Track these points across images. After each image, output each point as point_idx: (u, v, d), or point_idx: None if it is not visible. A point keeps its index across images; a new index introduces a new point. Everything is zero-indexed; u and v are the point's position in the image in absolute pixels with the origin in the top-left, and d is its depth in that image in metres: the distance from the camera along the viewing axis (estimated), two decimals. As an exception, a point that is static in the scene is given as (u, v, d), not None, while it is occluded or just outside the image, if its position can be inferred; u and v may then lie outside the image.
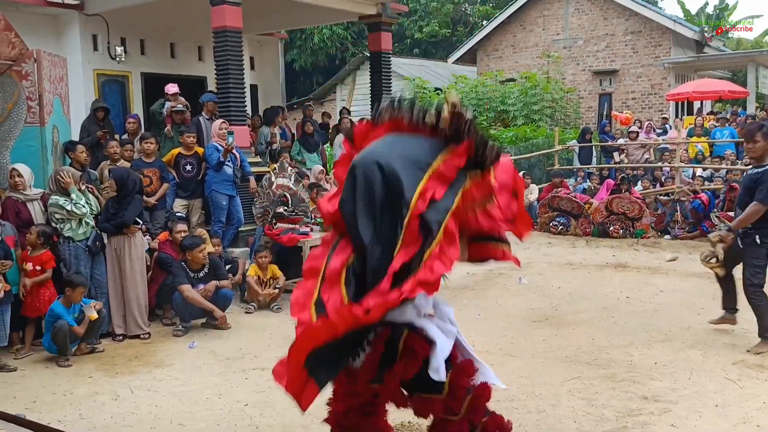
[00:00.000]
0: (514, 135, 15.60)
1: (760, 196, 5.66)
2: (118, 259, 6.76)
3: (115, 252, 6.75)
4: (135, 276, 6.83)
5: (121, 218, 6.73)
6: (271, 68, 14.75)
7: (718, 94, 18.93)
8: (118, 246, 6.75)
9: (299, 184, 8.48)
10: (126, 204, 6.78)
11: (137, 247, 6.91)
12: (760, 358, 5.53)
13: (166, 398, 5.17)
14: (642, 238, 11.23)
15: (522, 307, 7.54)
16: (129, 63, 11.58)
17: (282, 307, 7.71)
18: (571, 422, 4.48)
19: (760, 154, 5.84)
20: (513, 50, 22.66)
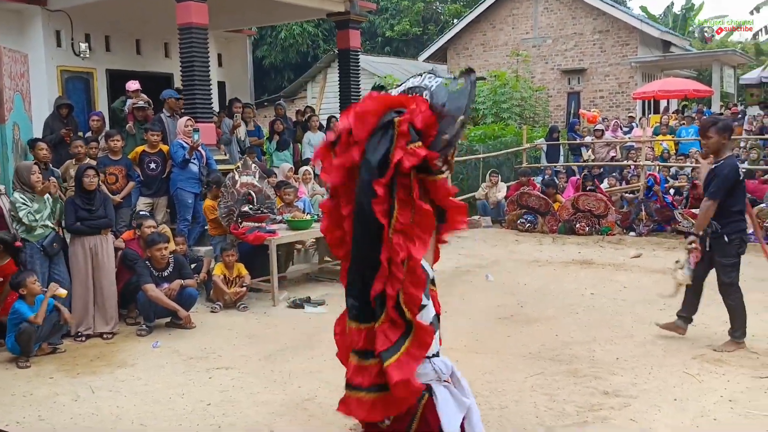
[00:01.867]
0: (482, 133, 15.67)
1: (710, 192, 5.70)
2: (92, 257, 6.68)
3: (90, 251, 6.67)
4: (110, 274, 6.82)
5: (106, 218, 6.76)
6: (239, 65, 14.67)
7: (684, 93, 19.24)
8: (93, 245, 6.68)
9: (264, 181, 8.42)
10: (102, 202, 6.76)
11: (111, 245, 6.91)
12: (718, 353, 5.63)
13: (128, 398, 5.11)
14: (607, 235, 11.36)
15: (488, 304, 7.58)
16: (93, 59, 11.43)
17: (248, 306, 7.68)
18: (533, 418, 4.52)
19: (715, 149, 5.83)
20: (483, 49, 22.79)
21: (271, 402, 4.93)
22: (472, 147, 14.65)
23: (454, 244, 11.06)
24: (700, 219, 5.84)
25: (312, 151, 11.42)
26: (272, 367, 5.69)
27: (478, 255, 10.32)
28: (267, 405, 4.88)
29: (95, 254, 6.68)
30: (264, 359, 5.90)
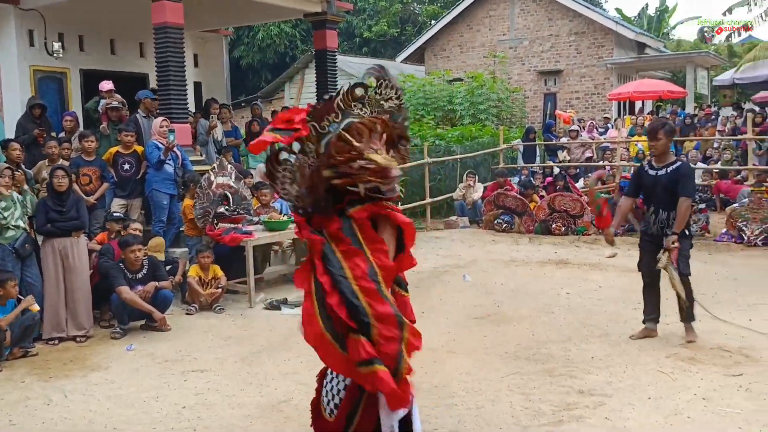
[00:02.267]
0: (460, 134, 15.71)
1: (686, 191, 5.80)
2: (62, 259, 6.59)
3: (60, 253, 6.57)
4: (82, 276, 6.73)
5: (77, 221, 6.67)
6: (216, 65, 14.58)
7: (658, 94, 19.45)
8: (63, 247, 6.59)
9: (240, 182, 8.37)
10: (74, 204, 6.67)
11: (83, 248, 6.83)
12: (692, 351, 5.68)
13: (101, 402, 5.05)
14: (583, 235, 11.45)
15: (465, 304, 7.60)
16: (67, 59, 11.30)
17: (224, 308, 7.63)
18: (509, 417, 4.53)
19: (661, 151, 5.96)
20: (460, 50, 22.86)
21: (246, 404, 4.90)
22: (450, 148, 14.68)
23: (431, 245, 11.09)
24: (681, 218, 5.84)
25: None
26: (248, 369, 5.66)
27: (455, 255, 10.35)
28: (242, 407, 4.85)
29: (65, 256, 6.59)
30: (240, 361, 5.86)
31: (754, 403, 4.61)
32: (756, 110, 16.67)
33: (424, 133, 15.16)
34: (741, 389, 4.85)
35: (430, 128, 16.25)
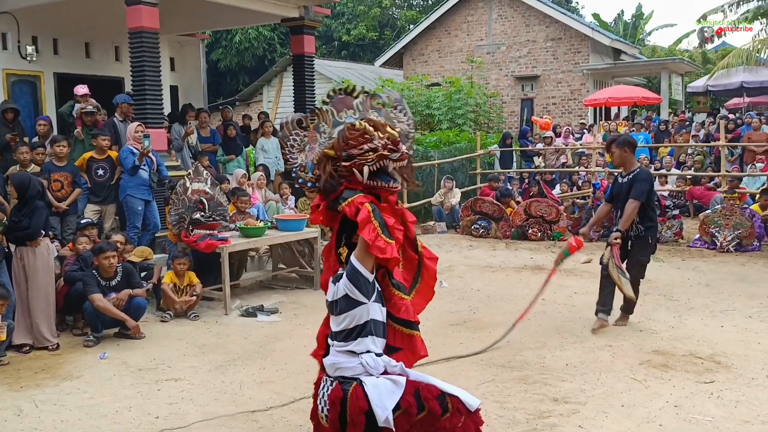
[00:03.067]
0: (437, 139, 15.76)
1: (634, 194, 6.37)
2: (23, 269, 6.48)
3: (20, 261, 6.47)
4: (41, 286, 6.52)
5: (27, 230, 6.42)
6: (193, 69, 14.50)
7: (633, 100, 19.67)
8: (23, 255, 6.47)
9: (216, 188, 8.32)
10: (29, 213, 6.43)
11: (43, 257, 6.58)
12: (664, 358, 5.74)
13: (73, 412, 4.99)
14: (559, 241, 11.53)
15: (441, 310, 7.60)
16: (41, 63, 11.18)
17: (199, 315, 7.57)
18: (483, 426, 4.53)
19: (618, 162, 6.74)
20: (438, 55, 22.94)
21: (220, 414, 4.86)
22: (427, 153, 14.72)
23: (408, 250, 11.08)
24: (626, 217, 6.39)
25: (265, 156, 11.32)
26: (223, 378, 5.62)
27: (432, 261, 10.34)
28: (217, 417, 4.81)
29: (24, 265, 6.47)
30: (214, 370, 5.82)
31: (725, 410, 4.66)
32: (729, 117, 16.91)
33: (402, 138, 15.16)
34: (712, 396, 4.91)
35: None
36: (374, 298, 3.28)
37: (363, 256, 3.21)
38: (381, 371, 3.27)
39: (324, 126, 3.39)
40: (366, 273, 3.22)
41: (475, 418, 3.32)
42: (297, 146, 3.38)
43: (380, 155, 3.21)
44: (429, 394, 3.22)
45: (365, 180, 3.25)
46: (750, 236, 10.34)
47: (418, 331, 3.55)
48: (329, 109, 3.40)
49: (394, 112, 3.53)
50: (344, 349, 3.28)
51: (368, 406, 3.13)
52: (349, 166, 3.23)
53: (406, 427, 3.18)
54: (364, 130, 3.23)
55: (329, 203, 3.31)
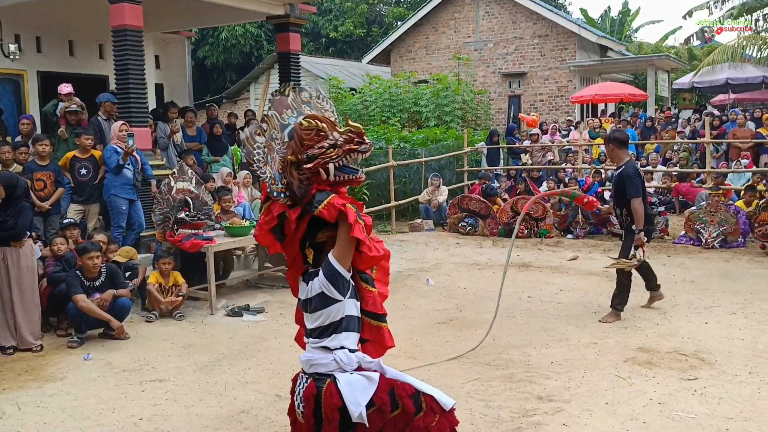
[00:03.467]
0: (424, 137, 15.76)
1: (630, 192, 6.66)
2: (6, 269, 6.41)
3: (3, 262, 6.40)
4: (25, 287, 6.45)
5: (14, 230, 6.35)
6: (178, 66, 14.42)
7: (620, 97, 19.73)
8: (5, 256, 6.41)
9: (201, 187, 8.27)
10: (15, 213, 6.36)
11: (27, 257, 6.51)
12: (648, 355, 5.77)
13: (56, 414, 4.95)
14: (546, 238, 11.56)
15: (428, 308, 7.62)
16: (24, 61, 11.09)
17: (185, 315, 7.54)
18: (468, 425, 4.53)
19: (610, 157, 7.28)
20: (426, 52, 22.93)
21: (205, 415, 4.84)
22: (414, 151, 14.72)
23: (396, 248, 11.09)
24: (637, 217, 6.67)
25: (252, 154, 11.23)
26: (207, 378, 5.59)
27: (419, 259, 10.37)
28: (201, 418, 4.79)
29: (6, 266, 6.40)
30: (199, 370, 5.80)
31: (708, 407, 4.69)
32: (714, 114, 17.00)
33: (390, 136, 15.18)
34: (696, 393, 4.93)
35: (396, 131, 16.27)
36: (349, 294, 3.30)
37: (344, 255, 3.22)
38: (354, 367, 3.28)
39: (274, 132, 3.36)
40: (344, 272, 3.24)
41: (449, 418, 3.32)
42: (262, 159, 3.35)
43: (349, 149, 3.20)
44: (403, 392, 3.24)
45: (332, 177, 3.24)
46: (735, 232, 10.41)
47: (386, 323, 3.61)
48: (273, 113, 3.37)
49: (320, 102, 3.52)
50: (318, 345, 3.30)
51: (342, 402, 3.16)
52: (313, 166, 3.21)
53: (379, 424, 3.20)
54: (317, 127, 3.22)
55: (304, 208, 3.29)
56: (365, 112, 18.68)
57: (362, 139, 3.22)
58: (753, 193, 11.14)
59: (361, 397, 3.17)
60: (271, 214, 3.37)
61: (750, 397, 4.85)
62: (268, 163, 3.32)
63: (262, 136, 3.34)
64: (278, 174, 3.29)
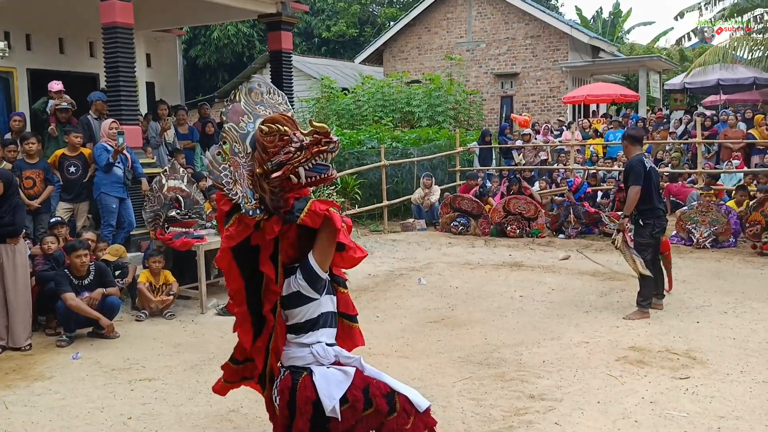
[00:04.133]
0: (417, 136, 15.74)
1: (630, 181, 6.94)
2: (0, 267, 6.36)
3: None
4: (19, 285, 6.42)
5: (11, 227, 6.33)
6: (169, 65, 14.35)
7: (612, 98, 19.76)
8: (1, 254, 6.36)
9: (193, 186, 8.23)
10: (11, 209, 6.34)
11: (22, 254, 6.51)
12: (640, 354, 5.76)
13: (44, 413, 4.90)
14: (537, 238, 11.55)
15: (420, 307, 7.60)
16: (13, 58, 11.00)
17: (175, 314, 7.49)
18: (459, 423, 4.52)
19: (626, 154, 7.59)
20: (418, 52, 22.92)
21: (194, 414, 4.81)
22: (407, 150, 14.69)
23: (388, 248, 11.07)
24: (628, 202, 7.01)
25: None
26: (197, 377, 5.55)
27: (411, 258, 10.35)
28: (190, 417, 4.75)
29: (1, 264, 6.33)
30: (189, 369, 5.75)
31: (700, 406, 4.68)
32: (705, 114, 17.04)
33: (382, 136, 15.15)
34: (687, 392, 4.92)
35: (388, 131, 16.24)
36: (326, 291, 3.34)
37: (324, 258, 3.23)
38: (332, 361, 3.30)
39: (236, 146, 3.21)
40: (323, 274, 3.27)
41: (425, 419, 3.31)
42: (231, 179, 3.20)
43: (317, 151, 3.12)
44: (377, 391, 3.23)
45: (303, 180, 3.15)
46: (726, 232, 10.42)
47: (357, 323, 3.67)
48: (230, 126, 3.22)
49: (273, 97, 3.39)
50: (296, 341, 3.32)
51: (316, 396, 3.17)
52: (282, 174, 3.10)
53: (351, 421, 3.20)
54: (279, 131, 3.11)
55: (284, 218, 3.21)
56: (358, 112, 18.65)
57: (329, 138, 3.13)
58: (744, 193, 11.16)
59: (335, 391, 3.18)
60: (244, 224, 3.23)
61: (742, 395, 4.85)
62: (237, 181, 3.19)
63: (224, 154, 3.21)
64: (249, 190, 3.17)
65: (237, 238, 3.26)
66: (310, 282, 3.23)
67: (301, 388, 3.19)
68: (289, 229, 3.28)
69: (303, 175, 3.14)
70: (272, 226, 3.21)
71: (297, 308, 3.28)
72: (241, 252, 3.29)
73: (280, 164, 3.12)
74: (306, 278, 3.23)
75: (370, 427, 3.25)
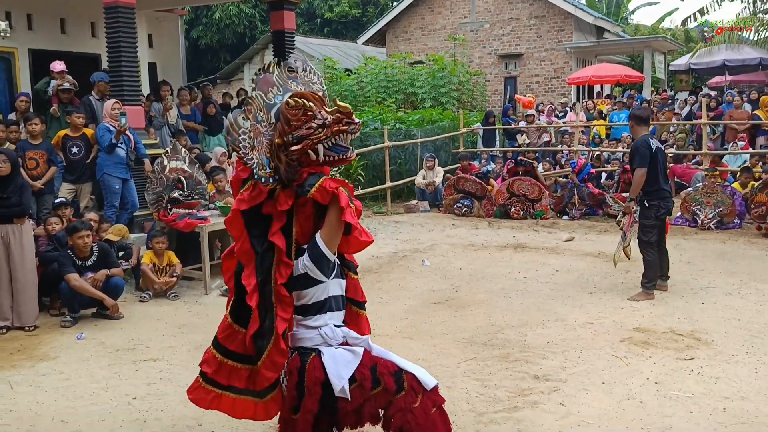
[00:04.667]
0: (420, 118, 15.66)
1: (635, 164, 6.93)
2: (7, 247, 6.36)
3: (2, 240, 6.34)
4: (27, 265, 6.46)
5: (19, 207, 6.36)
6: (171, 45, 14.26)
7: (616, 79, 19.65)
8: (5, 234, 6.35)
9: (195, 166, 8.19)
10: (17, 189, 6.37)
11: (28, 234, 6.55)
12: (645, 335, 5.75)
13: (49, 393, 4.91)
14: (541, 219, 11.52)
15: (423, 289, 7.59)
16: (15, 39, 10.94)
17: (179, 295, 7.49)
18: (464, 404, 4.52)
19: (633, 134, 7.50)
20: (421, 32, 22.76)
21: (199, 394, 4.80)
22: (410, 132, 14.63)
23: (391, 230, 11.05)
24: (633, 185, 6.97)
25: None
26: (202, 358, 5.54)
27: (415, 240, 10.33)
28: (195, 397, 4.75)
29: (8, 244, 6.36)
30: (194, 350, 5.75)
31: (705, 386, 4.68)
32: (711, 95, 16.93)
33: (385, 117, 15.08)
34: (692, 373, 4.91)
35: (392, 112, 16.17)
36: (334, 275, 3.30)
37: (332, 238, 3.20)
38: (340, 342, 3.28)
39: (260, 114, 3.23)
40: (330, 255, 3.23)
41: (433, 397, 3.29)
42: (248, 145, 3.21)
43: (338, 130, 3.12)
44: (385, 370, 3.22)
45: (321, 158, 3.16)
46: (731, 214, 10.38)
47: (365, 311, 3.60)
48: (257, 94, 3.24)
49: (308, 75, 3.40)
50: (303, 323, 3.30)
51: (325, 376, 3.15)
52: (301, 148, 3.12)
53: (360, 400, 3.18)
54: (304, 106, 3.12)
55: (296, 191, 3.20)
56: (361, 93, 18.55)
57: (351, 119, 3.15)
58: (749, 175, 11.11)
59: (344, 371, 3.16)
60: (258, 189, 3.23)
61: (747, 376, 4.84)
62: (255, 147, 3.20)
63: (248, 119, 3.22)
64: (266, 159, 3.19)
65: (250, 203, 3.26)
66: (316, 263, 3.20)
67: (310, 369, 3.17)
68: (307, 202, 3.25)
69: (321, 152, 3.14)
70: (285, 198, 3.20)
71: (304, 290, 3.26)
72: (252, 219, 3.28)
73: (300, 138, 3.12)
74: (313, 258, 3.20)
75: (378, 407, 3.24)
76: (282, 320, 3.19)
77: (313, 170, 3.21)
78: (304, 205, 3.26)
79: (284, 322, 3.20)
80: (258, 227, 3.28)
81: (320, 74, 3.51)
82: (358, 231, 3.25)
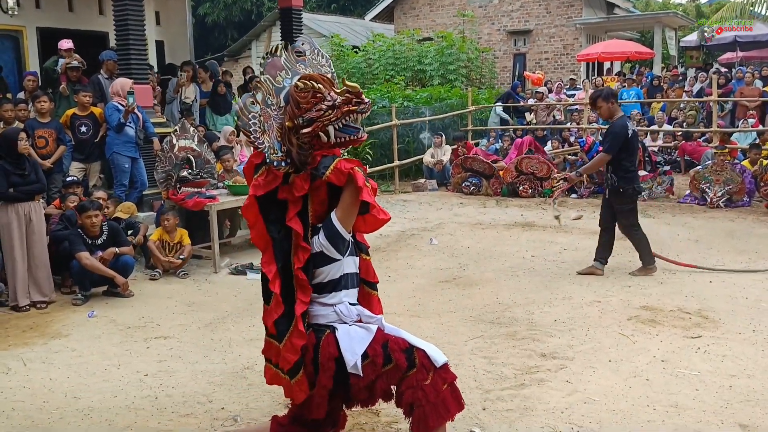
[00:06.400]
0: (428, 95, 15.59)
1: (604, 147, 6.80)
2: (27, 225, 6.44)
3: (25, 218, 6.41)
4: (42, 241, 6.58)
5: (38, 183, 6.50)
6: (179, 23, 14.19)
7: (626, 55, 19.48)
8: (27, 212, 6.44)
9: (204, 145, 8.21)
10: (33, 167, 6.48)
11: (41, 212, 6.66)
12: (652, 314, 5.76)
13: (61, 370, 4.98)
14: (549, 198, 11.49)
15: (431, 267, 7.61)
16: (22, 17, 10.92)
17: (189, 273, 7.55)
18: (471, 381, 4.55)
19: (606, 115, 6.95)
20: (430, 9, 22.59)
21: (210, 371, 4.87)
22: (418, 110, 14.58)
23: (399, 208, 11.07)
24: (590, 165, 7.14)
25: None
26: (212, 335, 5.61)
27: (423, 218, 10.35)
28: (206, 374, 4.82)
29: (29, 221, 6.43)
30: (204, 327, 5.82)
31: (711, 364, 4.70)
32: (721, 71, 16.77)
33: (393, 95, 15.02)
34: (699, 351, 4.93)
35: (400, 89, 16.10)
36: (348, 252, 3.31)
37: (347, 217, 3.20)
38: (354, 319, 3.30)
39: (269, 98, 3.22)
40: (346, 234, 3.23)
41: (443, 374, 3.31)
42: (259, 129, 3.21)
43: (347, 111, 3.12)
44: (396, 346, 3.24)
45: (332, 140, 3.16)
46: (740, 192, 10.35)
47: (377, 292, 3.60)
48: (266, 78, 3.23)
49: (316, 58, 3.41)
50: (318, 300, 3.32)
51: (338, 353, 3.18)
52: (312, 130, 3.12)
53: (372, 377, 3.20)
54: (313, 88, 3.12)
55: (312, 175, 3.22)
56: (368, 71, 18.47)
57: (360, 99, 3.14)
58: (759, 152, 11.05)
59: (357, 347, 3.19)
60: (273, 174, 3.22)
61: (753, 355, 4.86)
62: (266, 131, 3.20)
63: (257, 104, 3.21)
64: (277, 142, 3.19)
65: (264, 188, 3.25)
66: (332, 241, 3.21)
67: (324, 345, 3.19)
68: (321, 185, 3.27)
69: (332, 134, 3.14)
70: (301, 182, 3.21)
71: (320, 268, 3.29)
72: (267, 205, 3.30)
73: (310, 120, 3.12)
74: (328, 237, 3.21)
75: (390, 383, 3.27)
76: (302, 303, 3.22)
77: (326, 152, 3.22)
78: (318, 188, 3.27)
79: (303, 305, 3.22)
80: (274, 213, 3.31)
81: (328, 56, 3.50)
82: (376, 209, 3.24)
